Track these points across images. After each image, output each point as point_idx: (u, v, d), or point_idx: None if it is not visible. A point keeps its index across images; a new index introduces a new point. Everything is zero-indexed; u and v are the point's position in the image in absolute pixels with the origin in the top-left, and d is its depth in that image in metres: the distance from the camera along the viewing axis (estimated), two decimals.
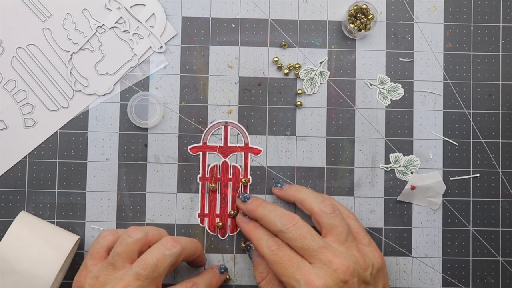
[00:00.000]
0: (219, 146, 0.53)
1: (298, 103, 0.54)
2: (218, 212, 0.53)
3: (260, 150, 0.54)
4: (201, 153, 0.54)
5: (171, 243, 0.45)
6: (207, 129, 0.53)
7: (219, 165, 0.54)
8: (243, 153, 0.54)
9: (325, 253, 0.44)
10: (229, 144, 0.54)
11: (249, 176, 0.54)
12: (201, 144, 0.54)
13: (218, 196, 0.54)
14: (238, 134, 0.54)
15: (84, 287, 0.44)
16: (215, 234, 0.53)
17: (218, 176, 0.54)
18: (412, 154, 0.54)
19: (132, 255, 0.45)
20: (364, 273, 0.45)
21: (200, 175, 0.53)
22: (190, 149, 0.53)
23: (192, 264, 0.52)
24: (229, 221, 0.54)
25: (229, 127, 0.54)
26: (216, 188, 0.54)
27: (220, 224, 0.53)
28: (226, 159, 0.54)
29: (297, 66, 0.54)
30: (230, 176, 0.54)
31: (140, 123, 0.53)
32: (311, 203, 0.48)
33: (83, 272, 0.46)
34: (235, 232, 0.54)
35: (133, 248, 0.45)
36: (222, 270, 0.52)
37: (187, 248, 0.46)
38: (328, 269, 0.43)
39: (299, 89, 0.54)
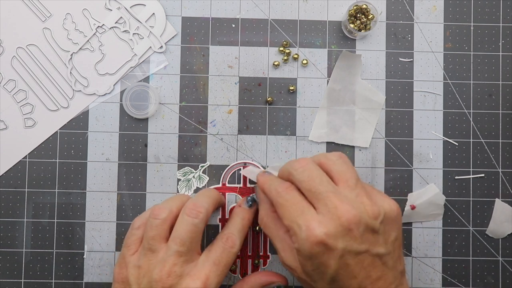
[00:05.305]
0: (239, 187, 0.53)
1: (269, 99, 0.54)
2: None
3: None
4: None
5: (194, 211, 0.45)
6: (226, 170, 0.53)
7: None
8: None
9: (331, 198, 0.41)
10: (248, 185, 0.53)
11: None
12: (220, 185, 0.53)
13: None
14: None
15: (128, 278, 0.44)
16: (236, 275, 0.53)
17: None
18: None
19: (165, 234, 0.45)
20: (373, 222, 0.41)
21: (220, 216, 0.53)
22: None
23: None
24: (249, 262, 0.53)
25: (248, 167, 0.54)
26: None
27: (233, 267, 0.53)
28: None
29: (295, 56, 0.54)
30: None
31: (136, 114, 0.53)
32: (316, 157, 0.46)
33: (123, 264, 0.46)
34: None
35: (163, 228, 0.45)
36: (250, 203, 0.49)
37: (211, 206, 0.46)
38: (332, 215, 0.40)
39: (291, 86, 0.54)
